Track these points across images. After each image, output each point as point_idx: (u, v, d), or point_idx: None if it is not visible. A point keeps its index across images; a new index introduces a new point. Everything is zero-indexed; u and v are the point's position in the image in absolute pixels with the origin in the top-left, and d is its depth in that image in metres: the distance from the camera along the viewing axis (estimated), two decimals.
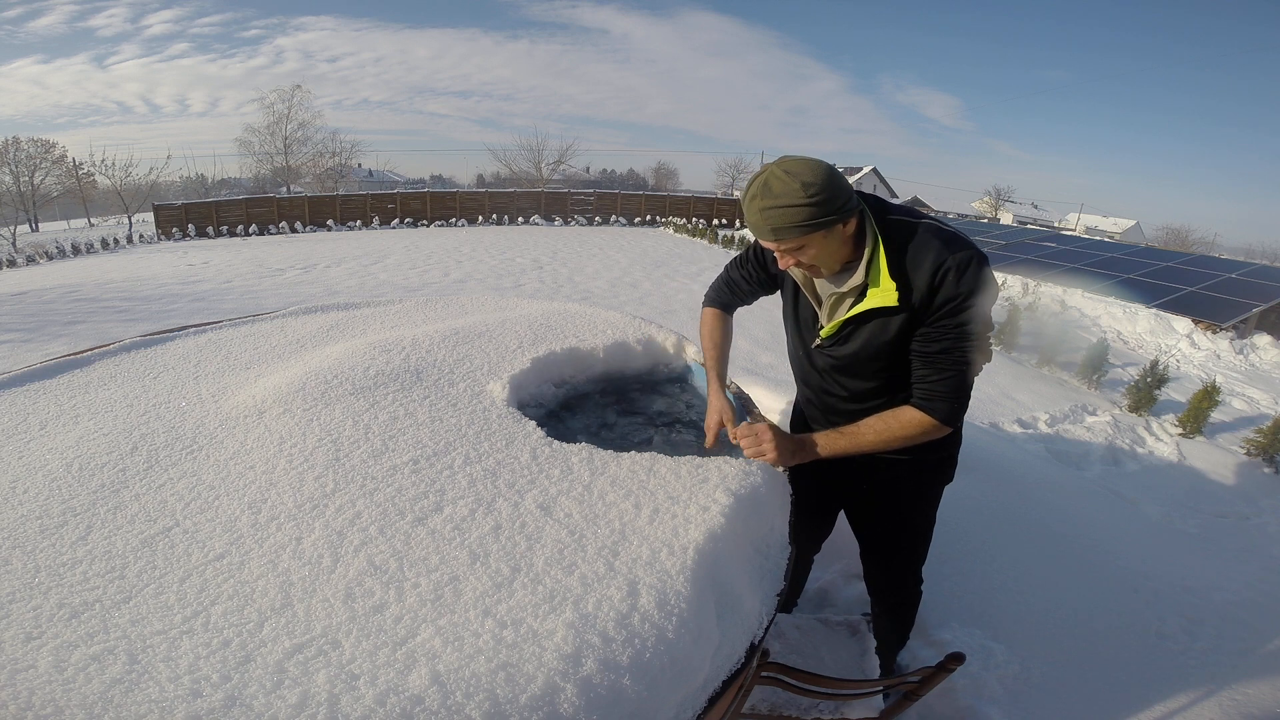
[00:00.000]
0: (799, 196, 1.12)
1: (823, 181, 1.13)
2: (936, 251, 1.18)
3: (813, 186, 1.12)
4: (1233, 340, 7.30)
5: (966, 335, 1.21)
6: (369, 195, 21.27)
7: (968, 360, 1.24)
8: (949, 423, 1.28)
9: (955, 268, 1.17)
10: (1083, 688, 1.94)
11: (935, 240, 1.20)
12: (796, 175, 1.13)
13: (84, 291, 8.62)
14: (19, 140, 24.38)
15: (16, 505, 1.14)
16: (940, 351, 1.23)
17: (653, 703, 0.85)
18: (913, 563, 1.67)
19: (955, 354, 1.22)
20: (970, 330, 1.21)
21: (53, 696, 0.75)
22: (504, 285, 9.07)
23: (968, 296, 1.18)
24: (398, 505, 1.15)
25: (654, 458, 1.36)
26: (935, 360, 1.24)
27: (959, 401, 1.26)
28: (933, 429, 1.28)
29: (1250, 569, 2.72)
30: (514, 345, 2.00)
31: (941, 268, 1.17)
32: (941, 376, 1.24)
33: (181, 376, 1.78)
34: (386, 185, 38.77)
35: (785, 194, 1.13)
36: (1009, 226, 17.91)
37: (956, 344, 1.22)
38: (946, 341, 1.22)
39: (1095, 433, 4.36)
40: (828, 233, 1.18)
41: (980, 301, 1.19)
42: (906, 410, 1.29)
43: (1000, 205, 45.70)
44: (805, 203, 1.12)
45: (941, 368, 1.24)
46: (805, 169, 1.14)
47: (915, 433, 1.28)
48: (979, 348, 1.24)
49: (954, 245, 1.19)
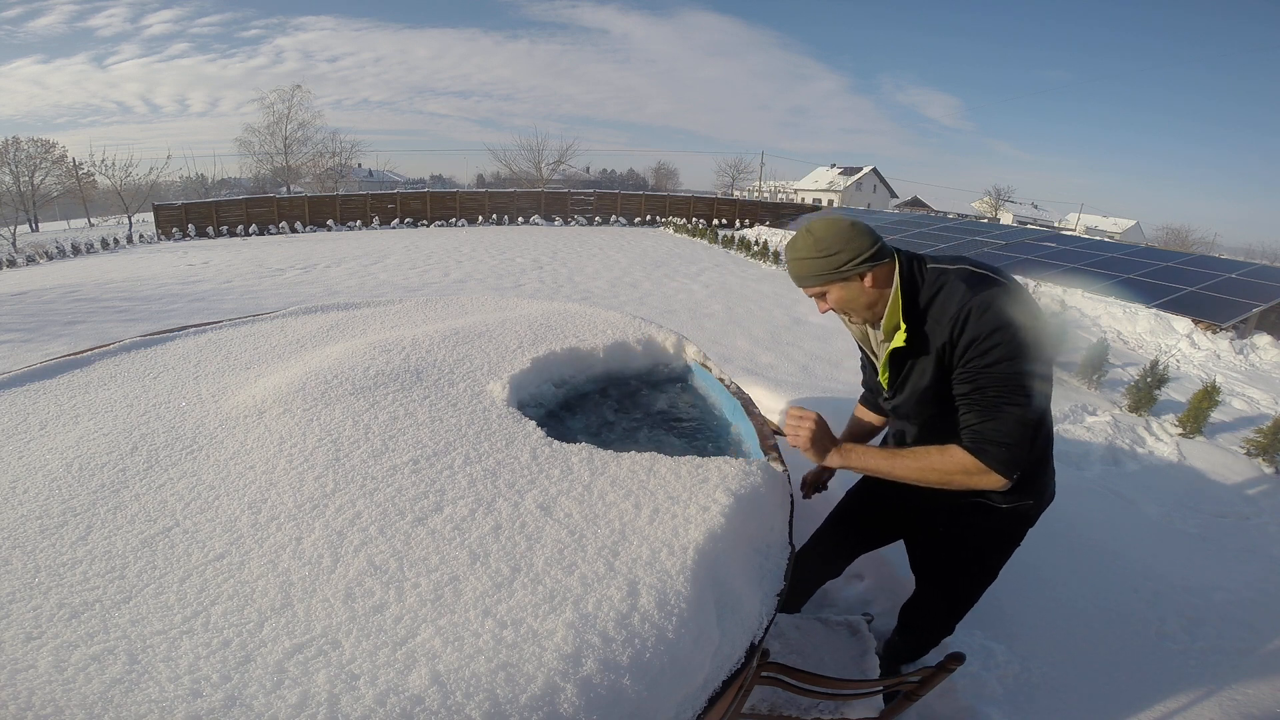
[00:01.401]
0: (812, 251, 1.29)
1: (834, 239, 1.28)
2: (960, 295, 1.20)
3: (824, 243, 1.28)
4: (1233, 340, 7.30)
5: (1000, 375, 1.17)
6: (369, 195, 21.25)
7: (1010, 400, 1.17)
8: (1001, 468, 1.18)
9: (975, 308, 1.18)
10: (1083, 688, 1.94)
11: (960, 284, 1.22)
12: (814, 233, 1.30)
13: (84, 291, 8.61)
14: (19, 140, 24.39)
15: (16, 505, 1.14)
16: (973, 391, 1.20)
17: (653, 703, 0.85)
18: (955, 611, 1.63)
19: (990, 393, 1.18)
20: (1004, 370, 1.16)
21: (53, 696, 0.75)
22: (504, 285, 9.07)
23: (990, 334, 1.16)
24: (398, 505, 1.15)
25: (654, 458, 1.35)
26: (969, 401, 1.21)
27: (1007, 444, 1.17)
28: (977, 471, 1.19)
29: (1250, 569, 2.72)
30: (514, 345, 2.00)
31: (962, 311, 1.19)
32: (980, 419, 1.20)
33: (181, 376, 1.78)
34: (386, 185, 38.80)
35: (803, 249, 1.31)
36: (1009, 226, 17.91)
37: (992, 383, 1.18)
38: (980, 381, 1.19)
39: (1095, 433, 4.36)
40: (845, 283, 1.30)
41: (1008, 337, 1.15)
42: (952, 448, 1.23)
43: (1000, 205, 45.70)
44: (816, 256, 1.29)
45: (979, 409, 1.20)
46: (824, 227, 1.30)
47: (953, 470, 1.22)
48: (1023, 385, 1.17)
49: (979, 286, 1.20)
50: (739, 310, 7.68)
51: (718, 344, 5.91)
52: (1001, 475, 1.18)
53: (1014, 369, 1.17)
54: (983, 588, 1.58)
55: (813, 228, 1.31)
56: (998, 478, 1.19)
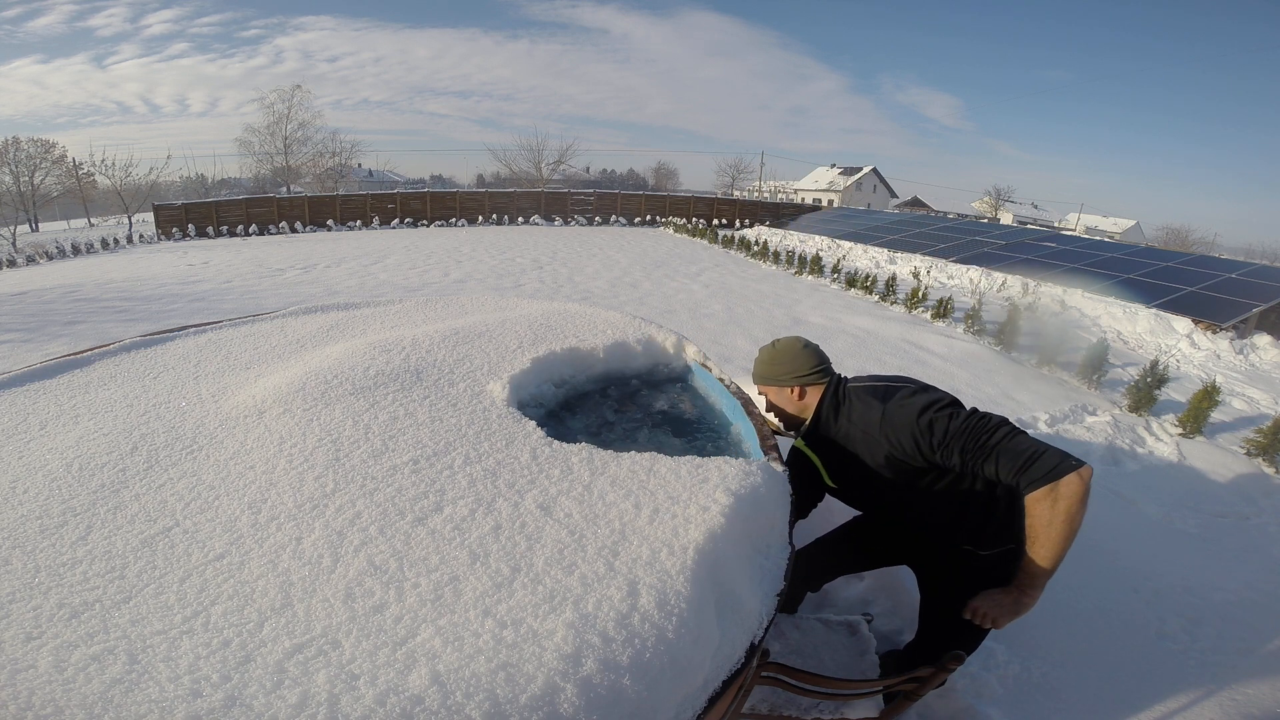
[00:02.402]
0: (766, 359, 1.62)
1: (785, 355, 1.58)
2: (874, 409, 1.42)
3: (777, 355, 1.59)
4: (1233, 340, 7.30)
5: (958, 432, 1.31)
6: (369, 195, 21.26)
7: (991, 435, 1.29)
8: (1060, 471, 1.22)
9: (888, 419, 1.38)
10: (1083, 688, 1.94)
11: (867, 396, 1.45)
12: (776, 346, 1.62)
13: (84, 291, 8.61)
14: (19, 140, 24.38)
15: (16, 505, 1.14)
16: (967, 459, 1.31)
17: (653, 703, 0.85)
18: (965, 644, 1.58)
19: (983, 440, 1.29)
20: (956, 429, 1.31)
21: (53, 696, 0.75)
22: (504, 285, 9.07)
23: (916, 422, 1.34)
24: (398, 505, 1.15)
25: (654, 458, 1.35)
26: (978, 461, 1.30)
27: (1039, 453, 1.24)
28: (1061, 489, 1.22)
29: (1250, 569, 2.72)
30: (514, 345, 2.00)
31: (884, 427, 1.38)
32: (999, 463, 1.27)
33: (181, 376, 1.78)
34: (386, 185, 38.78)
35: (764, 355, 1.63)
36: (1009, 226, 17.90)
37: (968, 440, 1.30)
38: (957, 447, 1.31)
39: (1095, 433, 4.36)
40: (777, 390, 1.60)
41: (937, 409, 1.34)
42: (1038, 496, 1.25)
43: (1000, 205, 45.69)
44: (767, 362, 1.61)
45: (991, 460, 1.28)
46: (784, 343, 1.61)
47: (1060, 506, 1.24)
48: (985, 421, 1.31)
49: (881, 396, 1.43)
50: (739, 310, 7.68)
51: (718, 344, 5.91)
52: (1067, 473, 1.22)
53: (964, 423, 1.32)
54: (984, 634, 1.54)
55: (777, 342, 1.63)
56: (1072, 476, 1.22)
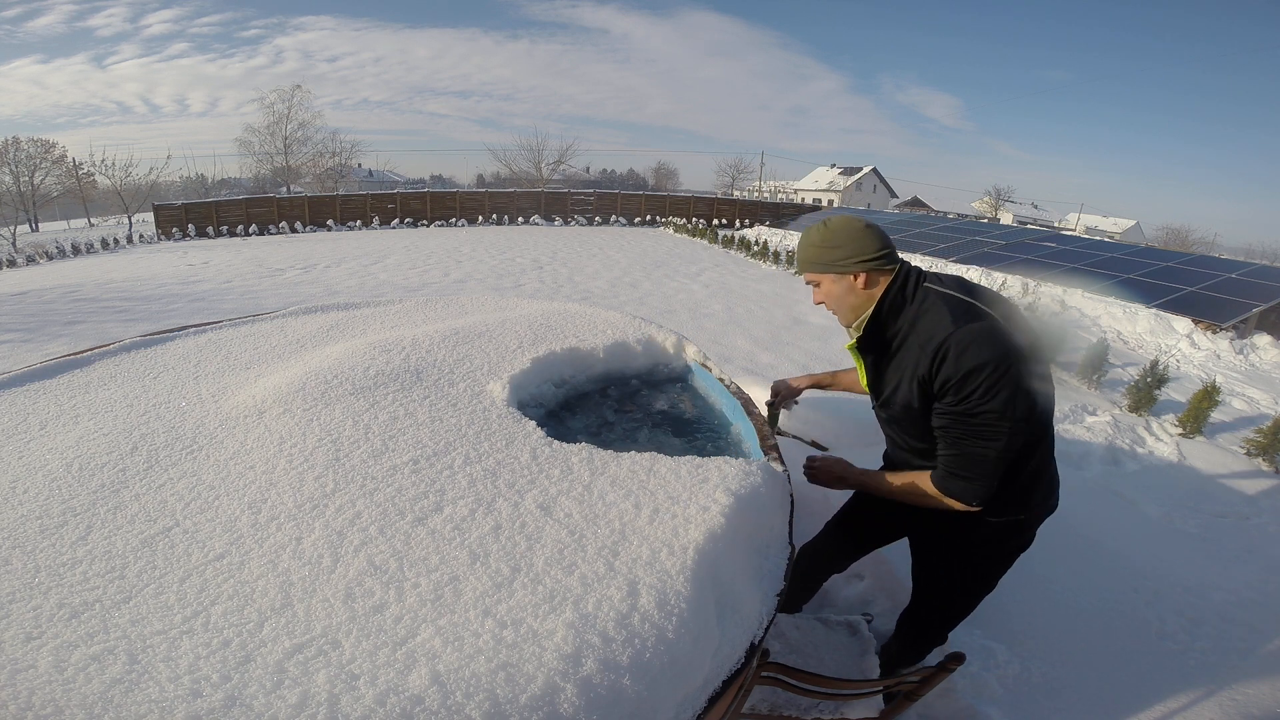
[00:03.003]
0: (819, 241, 1.37)
1: (842, 234, 1.34)
2: (942, 326, 1.22)
3: (832, 235, 1.35)
4: (1233, 340, 7.30)
5: (970, 418, 1.21)
6: (369, 195, 21.25)
7: (976, 442, 1.22)
8: (963, 499, 1.28)
9: (954, 346, 1.19)
10: (1083, 688, 1.94)
11: (944, 311, 1.24)
12: (829, 226, 1.37)
13: (84, 291, 8.61)
14: (19, 140, 24.38)
15: (16, 505, 1.14)
16: (943, 427, 1.27)
17: (653, 703, 0.85)
18: (948, 620, 1.65)
19: (955, 433, 1.24)
20: (974, 412, 1.19)
21: (53, 696, 0.75)
22: (504, 285, 9.07)
23: (964, 378, 1.18)
24: (398, 505, 1.15)
25: (654, 458, 1.35)
26: (942, 433, 1.28)
27: (970, 478, 1.26)
28: (936, 497, 1.32)
29: (1250, 569, 2.72)
30: (514, 345, 2.00)
31: (942, 346, 1.21)
32: (949, 451, 1.27)
33: (181, 376, 1.78)
34: (386, 185, 38.78)
35: (814, 236, 1.39)
36: (1009, 226, 17.90)
37: (960, 424, 1.23)
38: (950, 419, 1.24)
39: (1095, 433, 4.36)
40: (836, 278, 1.36)
41: (981, 380, 1.17)
42: (924, 477, 1.34)
43: (1000, 205, 45.68)
44: (820, 246, 1.37)
45: (947, 442, 1.27)
46: (839, 222, 1.37)
47: (924, 495, 1.35)
48: (993, 427, 1.20)
49: (962, 318, 1.21)
50: (739, 310, 7.68)
51: (718, 344, 5.91)
52: (962, 504, 1.29)
53: (984, 409, 1.19)
54: (978, 598, 1.58)
55: (829, 221, 1.38)
56: (958, 503, 1.30)
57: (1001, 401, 1.18)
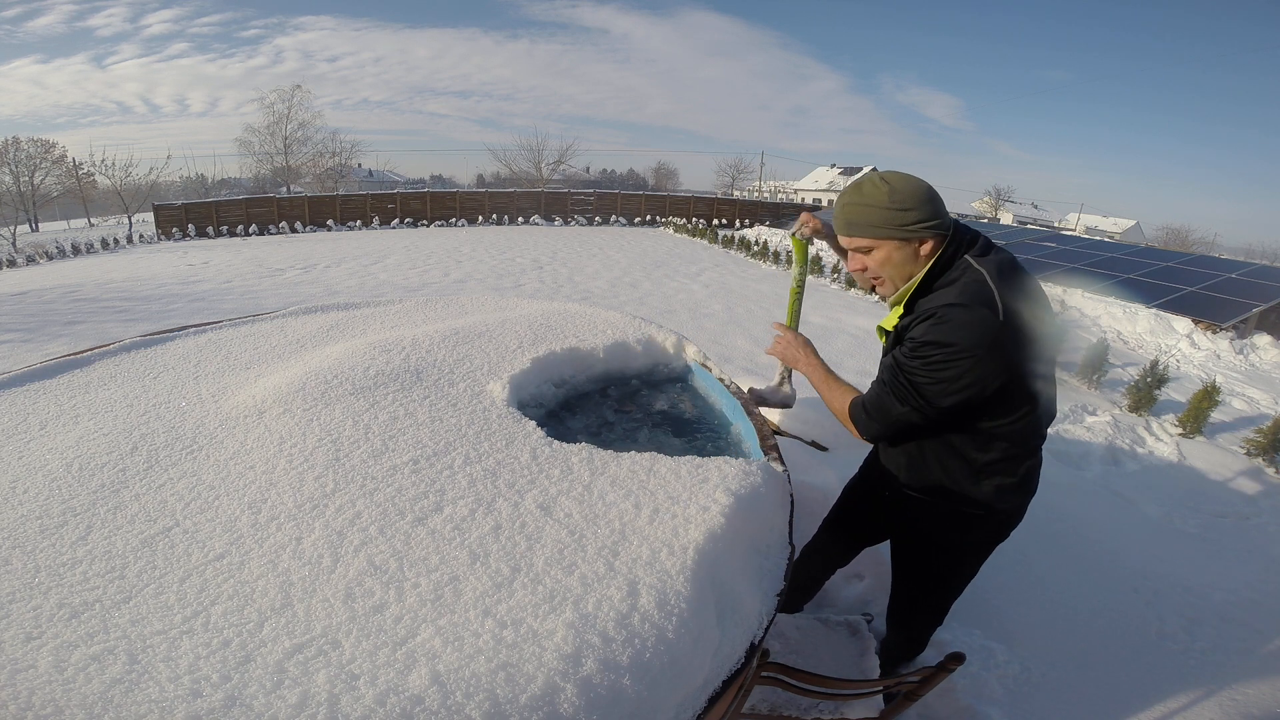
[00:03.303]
0: (884, 200, 1.20)
1: (910, 195, 1.19)
2: (950, 296, 1.19)
3: (899, 195, 1.19)
4: (1233, 340, 7.30)
5: (905, 369, 1.23)
6: (369, 195, 21.24)
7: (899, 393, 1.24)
8: (857, 425, 1.35)
9: (941, 314, 1.17)
10: (1083, 688, 1.94)
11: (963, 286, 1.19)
12: (889, 183, 1.22)
13: (84, 291, 8.61)
14: (19, 140, 24.39)
15: (16, 505, 1.14)
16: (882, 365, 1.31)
17: (653, 703, 0.85)
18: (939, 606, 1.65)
19: (887, 375, 1.28)
20: (913, 371, 1.21)
21: (53, 696, 0.75)
22: (504, 285, 9.07)
23: (931, 343, 1.17)
24: (398, 505, 1.15)
25: (654, 458, 1.35)
26: (880, 370, 1.32)
27: (871, 417, 1.31)
28: (845, 419, 1.38)
29: (1250, 569, 2.72)
30: (514, 345, 2.00)
31: (936, 311, 1.19)
32: (874, 387, 1.32)
33: (181, 376, 1.78)
34: (386, 185, 38.79)
35: (871, 195, 1.22)
36: (1009, 226, 17.90)
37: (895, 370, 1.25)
38: (890, 360, 1.28)
39: (1095, 433, 4.36)
40: (900, 245, 1.22)
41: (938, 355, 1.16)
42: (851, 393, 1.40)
43: (1000, 205, 45.68)
44: (886, 207, 1.20)
45: (878, 378, 1.32)
46: (900, 180, 1.22)
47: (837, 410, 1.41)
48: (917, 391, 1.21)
49: (972, 299, 1.16)
50: (739, 310, 7.68)
51: (718, 344, 5.91)
52: (858, 432, 1.36)
53: (919, 377, 1.20)
54: (962, 588, 1.60)
55: (888, 177, 1.23)
56: (854, 429, 1.36)
57: (938, 381, 1.18)
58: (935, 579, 1.58)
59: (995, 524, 1.44)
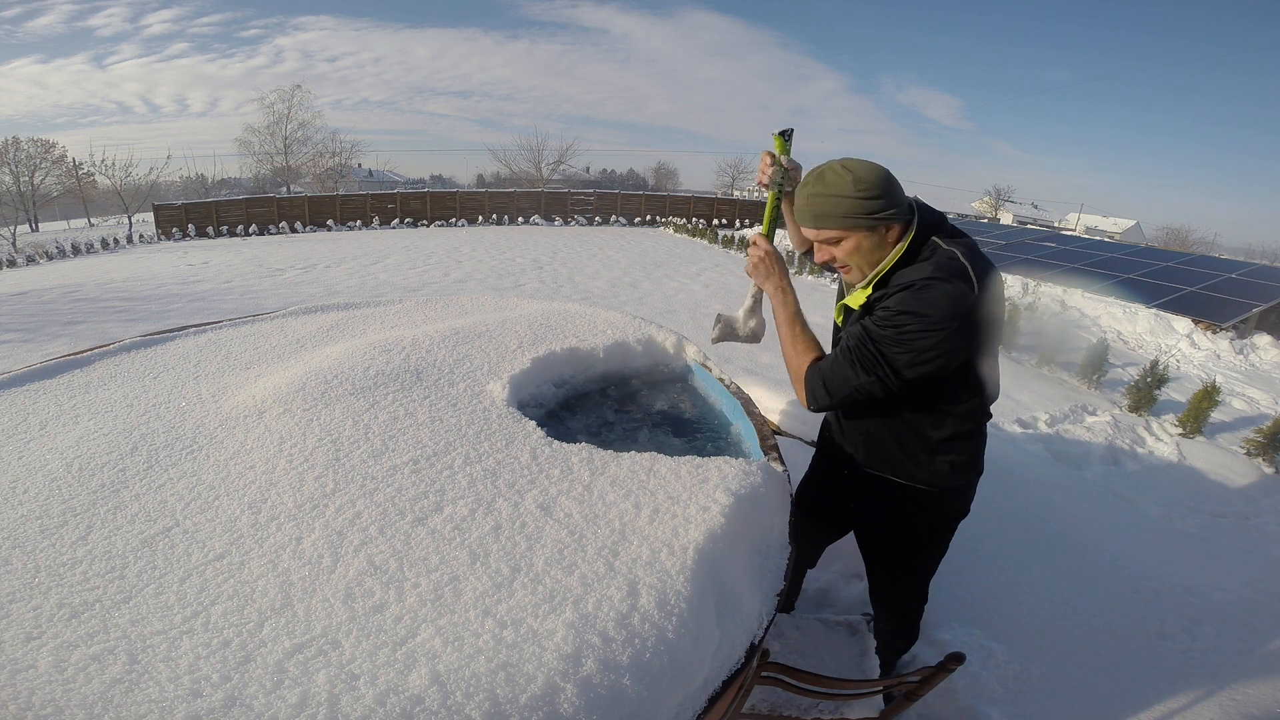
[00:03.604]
0: (848, 189, 1.18)
1: (875, 183, 1.18)
2: (924, 271, 1.19)
3: (864, 184, 1.18)
4: (1233, 340, 7.30)
5: (874, 339, 1.21)
6: (369, 195, 21.25)
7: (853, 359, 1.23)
8: (810, 391, 1.31)
9: (917, 285, 1.17)
10: (1083, 688, 1.94)
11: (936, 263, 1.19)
12: (852, 171, 1.19)
13: (84, 291, 8.62)
14: (19, 140, 24.39)
15: (16, 505, 1.14)
16: (849, 333, 1.28)
17: (653, 703, 0.85)
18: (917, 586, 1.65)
19: (850, 344, 1.25)
20: (883, 341, 1.19)
21: (53, 696, 0.75)
22: (504, 285, 9.07)
23: (907, 313, 1.16)
24: (398, 505, 1.15)
25: (654, 458, 1.35)
26: (845, 337, 1.29)
27: (829, 387, 1.28)
28: (799, 383, 1.35)
29: (1250, 569, 2.72)
30: (514, 345, 2.00)
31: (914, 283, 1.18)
32: (834, 355, 1.30)
33: (181, 376, 1.78)
34: (386, 185, 38.77)
35: (836, 185, 1.19)
36: (1009, 226, 17.91)
37: (863, 339, 1.23)
38: (859, 329, 1.25)
39: (1095, 433, 4.36)
40: (869, 233, 1.21)
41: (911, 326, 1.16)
42: (810, 356, 1.35)
43: (1000, 205, 45.68)
44: (852, 196, 1.18)
45: (841, 348, 1.28)
46: (862, 168, 1.20)
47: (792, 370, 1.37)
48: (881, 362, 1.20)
49: (948, 274, 1.17)
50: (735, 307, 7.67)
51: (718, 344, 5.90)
52: (805, 399, 1.33)
53: (889, 349, 1.19)
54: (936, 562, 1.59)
55: (849, 165, 1.20)
56: (804, 397, 1.33)
57: (908, 351, 1.17)
58: (905, 560, 1.58)
59: (950, 501, 1.47)
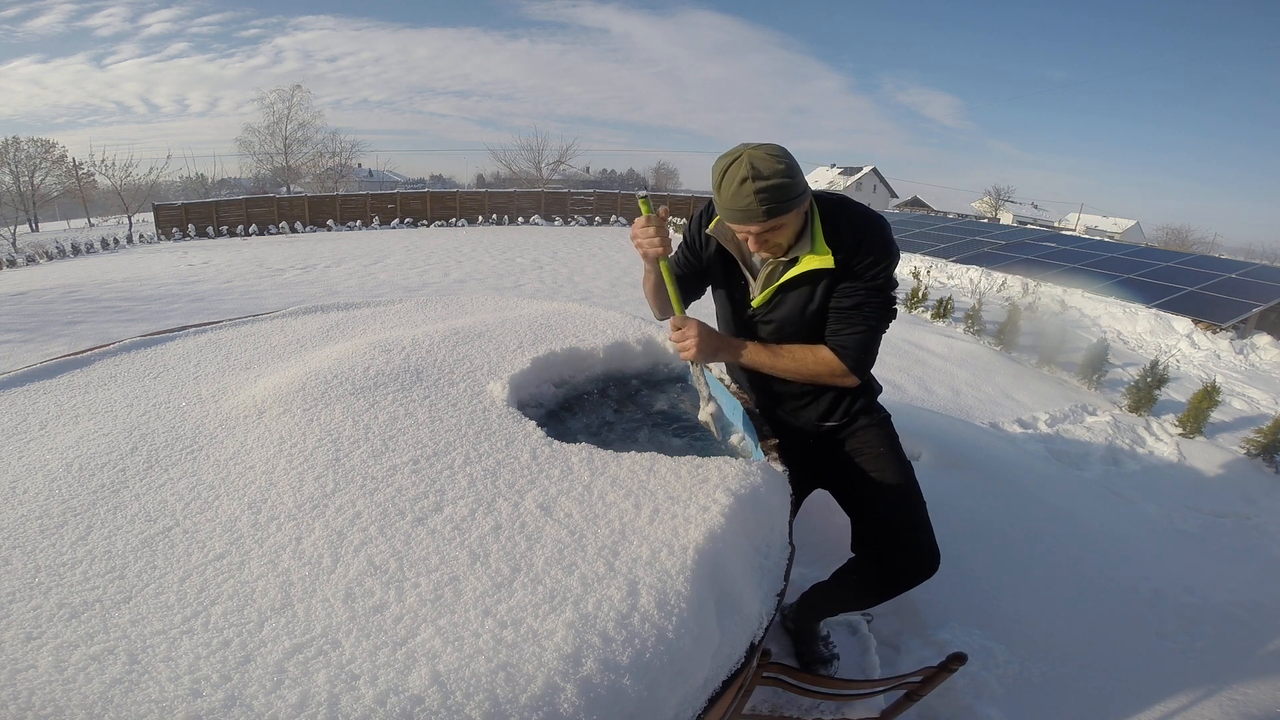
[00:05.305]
0: (787, 173, 1.21)
1: (794, 162, 1.25)
2: (859, 221, 1.35)
3: (792, 164, 1.24)
4: (1233, 340, 7.30)
5: (877, 291, 1.36)
6: (369, 195, 21.26)
7: (878, 317, 1.38)
8: (857, 372, 1.41)
9: (871, 233, 1.34)
10: (1083, 688, 1.94)
11: (856, 210, 1.38)
12: (778, 157, 1.22)
13: (84, 291, 8.61)
14: (19, 140, 24.40)
15: (16, 505, 1.14)
16: (853, 307, 1.37)
17: (653, 703, 0.85)
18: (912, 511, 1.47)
19: (866, 310, 1.37)
20: (881, 287, 1.36)
21: (53, 696, 0.75)
22: (504, 285, 9.07)
23: (881, 258, 1.33)
24: (398, 505, 1.15)
25: (654, 458, 1.35)
26: (849, 315, 1.38)
27: (866, 354, 1.41)
28: (841, 373, 1.41)
29: (1250, 569, 2.72)
30: (514, 345, 2.00)
31: (865, 233, 1.33)
32: (853, 330, 1.38)
33: (181, 376, 1.78)
34: (386, 185, 38.79)
35: (774, 174, 1.20)
36: (1009, 226, 17.91)
37: (869, 299, 1.36)
38: (860, 297, 1.36)
39: (1095, 433, 4.36)
40: (799, 211, 1.30)
41: (891, 264, 1.35)
42: (824, 349, 1.42)
43: (1000, 205, 45.69)
44: (793, 179, 1.23)
45: (854, 321, 1.38)
46: (779, 151, 1.23)
47: (825, 372, 1.42)
48: (887, 307, 1.39)
49: (869, 215, 1.38)
50: None
51: None
52: (857, 377, 1.42)
53: (888, 294, 1.38)
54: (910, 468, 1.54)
55: (771, 150, 1.22)
56: (854, 378, 1.42)
57: (892, 282, 1.38)
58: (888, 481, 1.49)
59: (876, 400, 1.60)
